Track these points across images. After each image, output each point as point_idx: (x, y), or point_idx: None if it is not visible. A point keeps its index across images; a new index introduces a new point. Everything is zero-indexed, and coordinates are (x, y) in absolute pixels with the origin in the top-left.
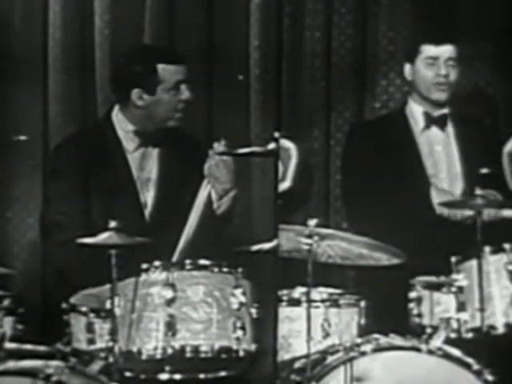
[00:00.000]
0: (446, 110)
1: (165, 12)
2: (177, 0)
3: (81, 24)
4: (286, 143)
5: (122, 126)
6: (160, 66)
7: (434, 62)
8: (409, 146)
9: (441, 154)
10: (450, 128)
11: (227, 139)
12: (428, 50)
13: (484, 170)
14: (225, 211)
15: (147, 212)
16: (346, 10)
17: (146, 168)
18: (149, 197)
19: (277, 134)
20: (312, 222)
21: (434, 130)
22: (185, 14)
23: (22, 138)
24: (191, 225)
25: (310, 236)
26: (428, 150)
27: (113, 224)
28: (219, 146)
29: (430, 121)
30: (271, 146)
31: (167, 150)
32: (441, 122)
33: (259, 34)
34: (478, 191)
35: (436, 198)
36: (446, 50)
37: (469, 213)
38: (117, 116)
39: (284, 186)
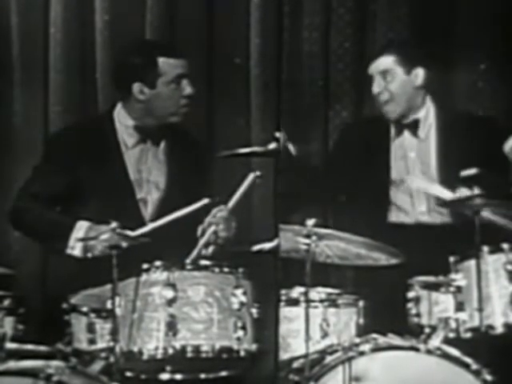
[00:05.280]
0: (418, 115)
1: (165, 12)
2: (177, 0)
3: (81, 24)
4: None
5: (123, 120)
6: (160, 59)
7: (373, 78)
8: (382, 151)
9: (415, 161)
10: (431, 133)
11: (227, 139)
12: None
13: (468, 172)
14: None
15: (148, 211)
16: (344, 9)
17: (144, 165)
18: (149, 195)
19: (277, 134)
20: (310, 222)
21: (407, 136)
22: (185, 14)
23: None
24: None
25: (308, 236)
26: (400, 156)
27: (114, 224)
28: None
29: (401, 127)
30: (271, 145)
31: (167, 149)
32: (412, 127)
33: (259, 33)
34: (477, 191)
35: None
36: (380, 64)
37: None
38: (119, 112)
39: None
